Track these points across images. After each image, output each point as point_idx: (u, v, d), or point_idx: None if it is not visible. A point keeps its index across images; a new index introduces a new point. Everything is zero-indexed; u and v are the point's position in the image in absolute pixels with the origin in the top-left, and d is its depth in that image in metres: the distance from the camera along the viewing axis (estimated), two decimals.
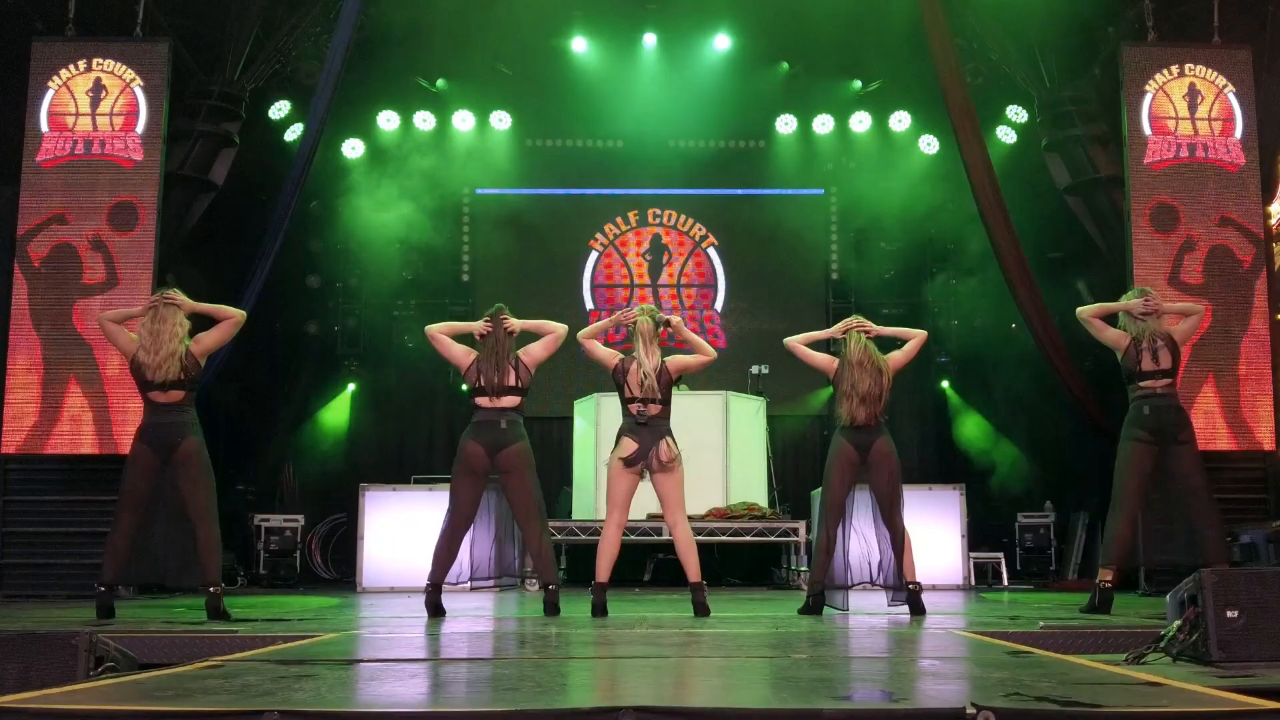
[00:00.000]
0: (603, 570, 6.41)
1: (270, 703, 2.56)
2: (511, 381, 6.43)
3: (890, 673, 3.59)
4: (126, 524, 6.24)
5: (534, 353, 6.57)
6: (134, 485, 6.25)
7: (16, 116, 9.25)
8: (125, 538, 6.24)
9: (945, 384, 13.01)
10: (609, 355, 6.53)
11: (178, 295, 6.38)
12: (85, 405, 8.84)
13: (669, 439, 6.40)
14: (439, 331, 6.64)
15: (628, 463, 6.36)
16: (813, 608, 6.51)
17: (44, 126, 9.20)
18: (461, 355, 6.58)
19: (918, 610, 6.31)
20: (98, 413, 8.83)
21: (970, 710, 2.41)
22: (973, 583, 9.95)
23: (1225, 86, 9.51)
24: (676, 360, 6.56)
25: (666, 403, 6.45)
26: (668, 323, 6.64)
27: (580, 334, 6.70)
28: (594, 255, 13.63)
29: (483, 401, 6.45)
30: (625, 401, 6.46)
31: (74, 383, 8.86)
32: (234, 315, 6.47)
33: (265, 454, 12.52)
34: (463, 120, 12.99)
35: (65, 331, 8.92)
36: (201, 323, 6.52)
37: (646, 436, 6.36)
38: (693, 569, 6.42)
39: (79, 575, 8.65)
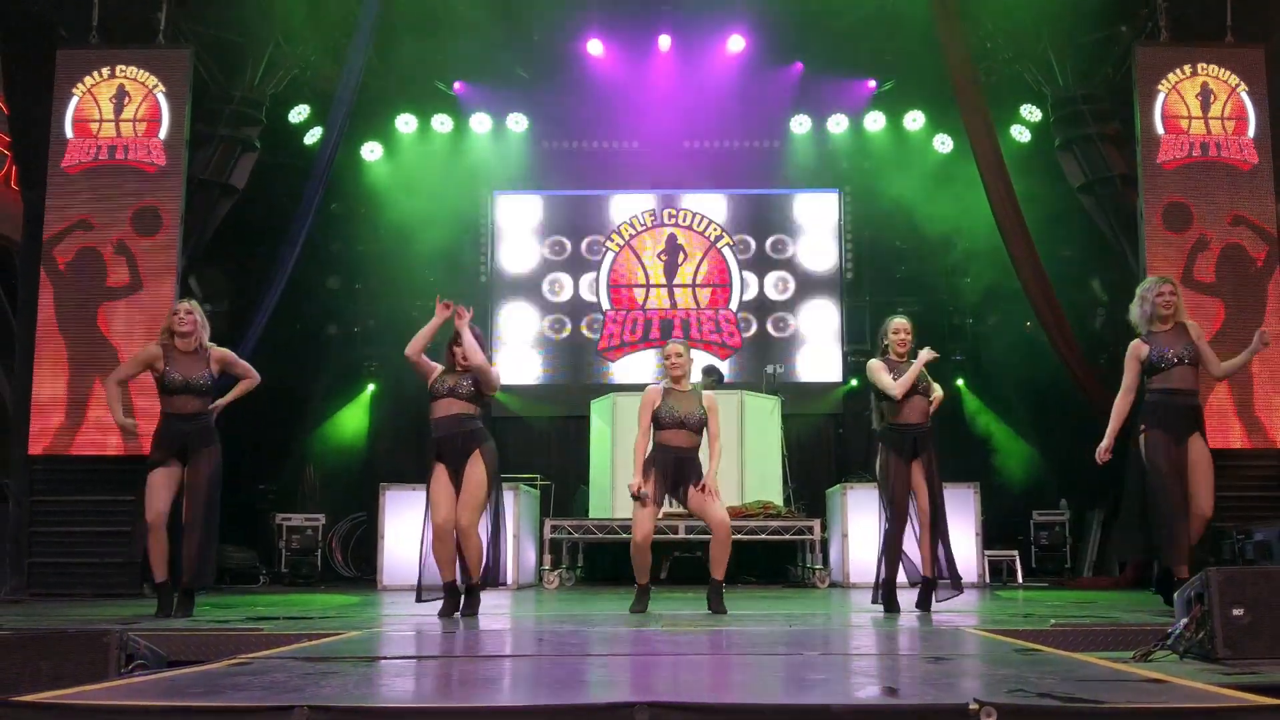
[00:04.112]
0: None
1: (299, 699, 2.63)
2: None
3: (898, 670, 3.66)
4: None
5: None
6: None
7: (42, 123, 9.40)
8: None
9: (960, 382, 13.03)
10: None
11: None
12: None
13: None
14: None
15: None
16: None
17: (68, 133, 9.35)
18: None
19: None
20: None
21: (973, 707, 2.46)
22: (987, 580, 9.99)
23: (1238, 85, 9.52)
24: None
25: None
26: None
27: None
28: (610, 255, 13.69)
29: None
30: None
31: (99, 385, 8.96)
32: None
33: (286, 454, 12.65)
34: (480, 123, 13.09)
35: (90, 334, 9.07)
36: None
37: None
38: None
39: (104, 574, 8.82)
